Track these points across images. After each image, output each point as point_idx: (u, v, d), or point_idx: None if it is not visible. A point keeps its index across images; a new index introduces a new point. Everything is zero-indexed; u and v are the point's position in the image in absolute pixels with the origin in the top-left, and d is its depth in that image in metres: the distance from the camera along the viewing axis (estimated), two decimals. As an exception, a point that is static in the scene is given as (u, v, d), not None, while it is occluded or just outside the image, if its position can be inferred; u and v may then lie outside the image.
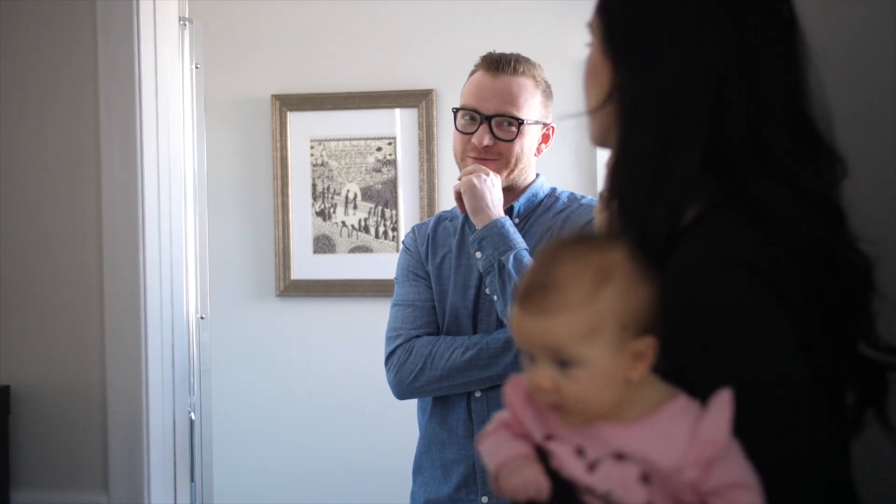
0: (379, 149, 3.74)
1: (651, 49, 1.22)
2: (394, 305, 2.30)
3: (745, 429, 1.07)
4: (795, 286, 1.16)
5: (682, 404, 1.10)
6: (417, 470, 2.31)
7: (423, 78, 3.59)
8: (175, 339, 2.11)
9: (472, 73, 2.24)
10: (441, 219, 2.38)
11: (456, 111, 2.20)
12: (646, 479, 1.10)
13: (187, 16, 3.06)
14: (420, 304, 2.27)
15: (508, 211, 2.19)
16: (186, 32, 3.05)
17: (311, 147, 3.83)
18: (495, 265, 2.03)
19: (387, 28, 3.68)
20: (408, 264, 2.33)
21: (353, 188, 3.74)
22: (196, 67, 3.13)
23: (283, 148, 3.86)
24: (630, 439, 1.10)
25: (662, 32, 1.22)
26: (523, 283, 1.16)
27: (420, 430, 2.30)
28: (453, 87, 3.69)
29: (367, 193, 3.75)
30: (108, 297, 2.01)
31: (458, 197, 2.13)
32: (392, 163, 3.71)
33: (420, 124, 3.67)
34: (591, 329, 1.10)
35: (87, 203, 2.04)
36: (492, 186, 2.10)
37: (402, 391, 2.23)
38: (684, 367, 1.14)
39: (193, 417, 2.97)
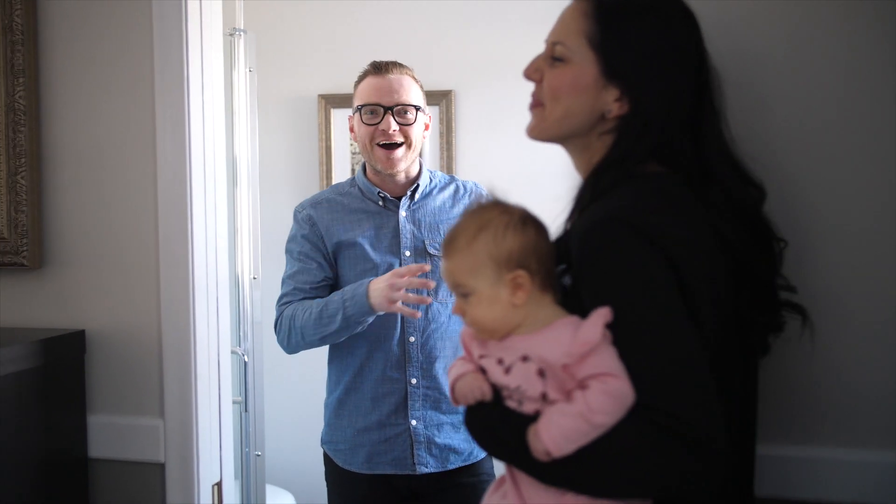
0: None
1: (651, 89, 1.32)
2: None
3: (617, 339, 1.20)
4: (681, 234, 1.25)
5: (570, 319, 1.24)
6: (339, 405, 2.34)
7: (444, 79, 3.62)
8: (219, 293, 2.11)
9: (361, 79, 2.34)
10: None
11: (360, 108, 2.28)
12: (542, 373, 1.23)
13: (242, 27, 3.10)
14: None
15: (414, 190, 2.31)
16: (241, 41, 3.09)
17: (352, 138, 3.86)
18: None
19: (414, 35, 3.71)
20: None
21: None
22: (250, 71, 3.16)
23: (328, 139, 3.89)
24: (530, 344, 1.26)
25: (653, 73, 1.32)
26: (443, 240, 1.37)
27: (341, 372, 2.34)
28: (470, 87, 3.73)
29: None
30: (162, 259, 2.02)
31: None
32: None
33: (441, 120, 3.71)
34: (473, 266, 1.28)
35: (146, 182, 2.04)
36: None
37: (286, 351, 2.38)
38: (583, 297, 1.25)
39: (246, 359, 3.04)
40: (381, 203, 2.31)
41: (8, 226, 2.10)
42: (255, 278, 3.09)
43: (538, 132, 1.41)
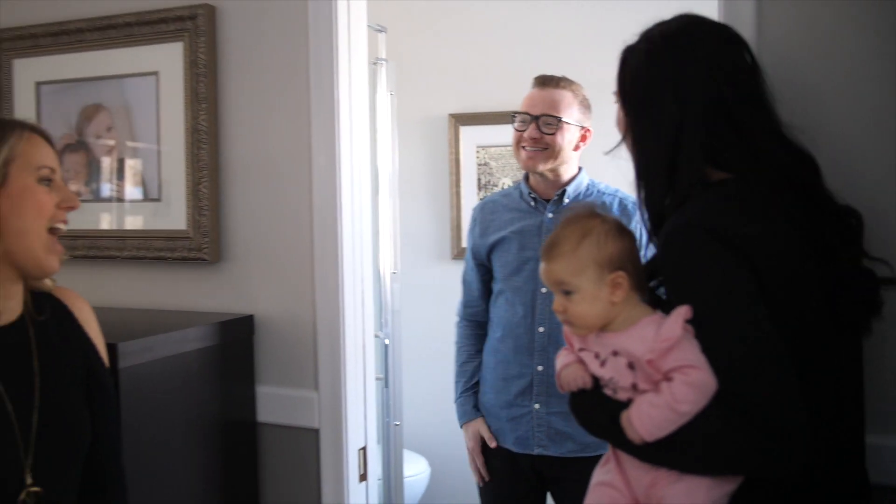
0: (526, 151, 3.78)
1: (654, 104, 1.37)
2: None
3: (699, 333, 1.21)
4: (756, 236, 1.23)
5: (654, 318, 1.26)
6: (482, 381, 2.35)
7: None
8: (364, 284, 2.14)
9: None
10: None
11: (514, 115, 2.25)
12: (631, 366, 1.26)
13: (384, 56, 3.19)
14: None
15: (561, 195, 2.24)
16: (383, 69, 3.18)
17: (477, 151, 3.87)
18: None
19: (525, 53, 3.68)
20: None
21: (507, 181, 3.79)
22: (391, 94, 3.24)
23: (457, 152, 3.90)
24: (619, 341, 1.28)
25: (661, 93, 1.35)
26: (543, 246, 1.38)
27: (488, 352, 2.34)
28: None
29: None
30: (316, 256, 2.07)
31: None
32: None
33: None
34: (578, 268, 1.30)
35: (303, 190, 2.09)
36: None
37: None
38: (668, 297, 1.29)
39: (388, 342, 3.12)
40: (532, 203, 2.28)
41: (192, 227, 2.18)
42: (394, 273, 3.15)
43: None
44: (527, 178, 2.34)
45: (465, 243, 3.80)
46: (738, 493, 1.24)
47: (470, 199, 3.84)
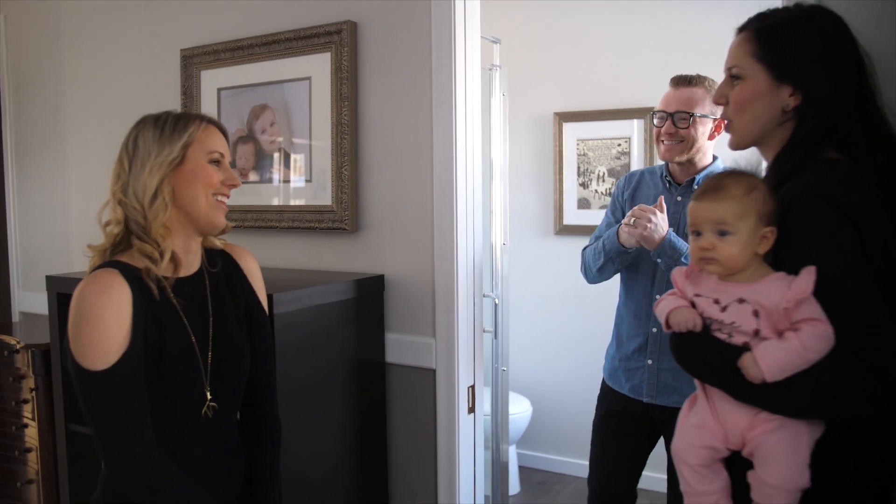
0: (619, 144, 3.69)
1: (817, 80, 1.25)
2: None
3: (817, 292, 1.14)
4: (866, 211, 1.17)
5: (781, 275, 1.19)
6: (613, 332, 2.28)
7: (647, 97, 3.50)
8: (475, 252, 2.14)
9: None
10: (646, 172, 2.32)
11: (654, 114, 2.16)
12: (756, 314, 1.17)
13: (497, 63, 3.15)
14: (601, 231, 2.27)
15: (691, 182, 2.14)
16: (496, 74, 3.14)
17: (577, 144, 3.83)
18: (673, 265, 1.93)
19: (619, 60, 3.60)
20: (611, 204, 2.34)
21: (602, 169, 3.73)
22: (503, 96, 3.20)
23: (560, 145, 3.86)
24: (748, 291, 1.20)
25: (820, 70, 1.25)
26: (700, 189, 1.27)
27: (618, 309, 2.28)
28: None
29: (611, 172, 3.72)
30: (435, 228, 2.08)
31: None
32: (627, 153, 3.65)
33: (645, 129, 3.60)
34: (743, 213, 1.20)
35: (426, 174, 2.11)
36: (652, 225, 2.00)
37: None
38: (784, 258, 1.20)
39: (497, 301, 3.10)
40: (667, 185, 2.20)
41: (336, 203, 2.23)
42: (504, 244, 3.13)
43: (737, 142, 1.34)
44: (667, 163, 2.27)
45: (566, 221, 3.79)
46: (831, 440, 1.18)
47: (570, 184, 3.82)
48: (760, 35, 1.28)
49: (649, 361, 2.14)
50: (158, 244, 1.39)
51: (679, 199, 2.16)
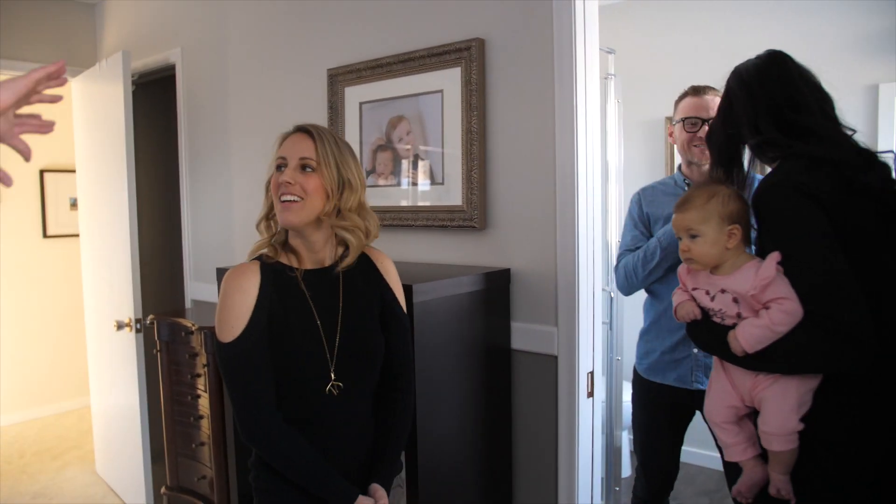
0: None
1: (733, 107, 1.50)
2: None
3: (788, 272, 1.28)
4: (830, 196, 1.26)
5: (754, 262, 1.35)
6: (645, 333, 2.30)
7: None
8: (595, 248, 2.12)
9: (681, 98, 2.22)
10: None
11: (683, 120, 2.20)
12: (736, 300, 1.35)
13: (612, 72, 3.12)
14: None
15: None
16: (612, 82, 3.11)
17: (688, 145, 3.72)
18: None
19: (728, 65, 3.49)
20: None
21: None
22: (618, 102, 3.16)
23: (671, 147, 3.76)
24: (728, 282, 1.37)
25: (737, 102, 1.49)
26: (675, 204, 1.47)
27: (648, 310, 2.30)
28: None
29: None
30: (558, 227, 2.07)
31: None
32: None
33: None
34: (705, 218, 1.39)
35: (548, 177, 2.10)
36: None
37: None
38: (764, 243, 1.34)
39: (613, 295, 3.06)
40: (685, 189, 2.20)
41: (466, 203, 2.26)
42: (619, 241, 3.09)
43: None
44: (679, 167, 2.30)
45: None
46: (822, 389, 1.31)
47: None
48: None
49: (694, 350, 2.16)
50: (266, 241, 1.55)
51: None
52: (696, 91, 2.22)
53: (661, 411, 2.28)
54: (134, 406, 3.36)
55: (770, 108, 1.42)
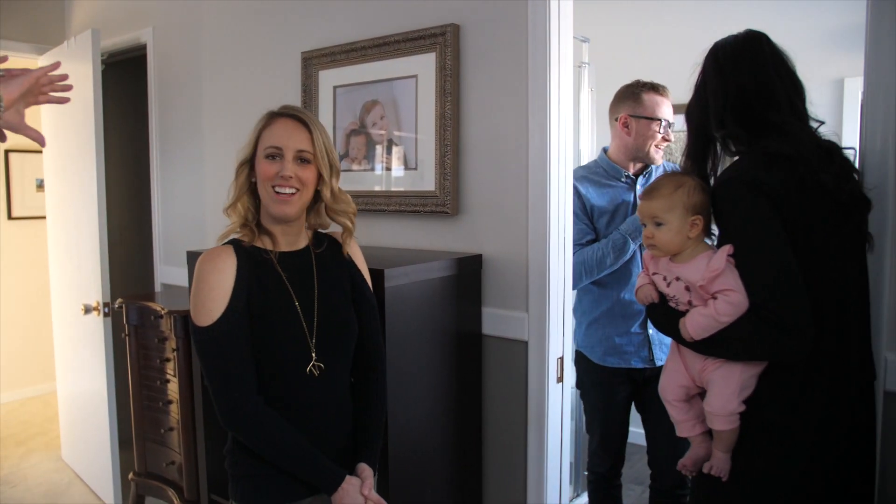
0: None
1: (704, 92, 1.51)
2: None
3: (738, 265, 1.32)
4: (783, 193, 1.29)
5: (708, 253, 1.39)
6: (594, 321, 2.38)
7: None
8: (566, 235, 2.13)
9: (639, 93, 2.32)
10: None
11: (658, 120, 2.33)
12: (688, 289, 1.40)
13: (587, 61, 3.13)
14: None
15: (648, 173, 2.42)
16: (586, 71, 3.13)
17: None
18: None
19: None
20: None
21: (682, 158, 3.64)
22: (591, 90, 3.18)
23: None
24: (682, 270, 1.42)
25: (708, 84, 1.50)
26: (643, 191, 1.49)
27: (599, 301, 2.37)
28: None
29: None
30: (530, 213, 2.08)
31: None
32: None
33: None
34: (671, 206, 1.42)
35: (521, 163, 2.09)
36: None
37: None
38: (722, 233, 1.38)
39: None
40: (630, 181, 2.36)
41: (439, 189, 2.26)
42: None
43: None
44: (606, 154, 2.43)
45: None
46: (764, 374, 1.37)
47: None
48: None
49: (651, 331, 2.31)
50: (240, 224, 1.53)
51: (640, 188, 2.37)
52: (659, 90, 2.35)
53: (618, 390, 2.40)
54: (101, 391, 3.32)
55: (738, 97, 1.43)
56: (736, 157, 1.45)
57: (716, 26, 3.49)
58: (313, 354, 1.50)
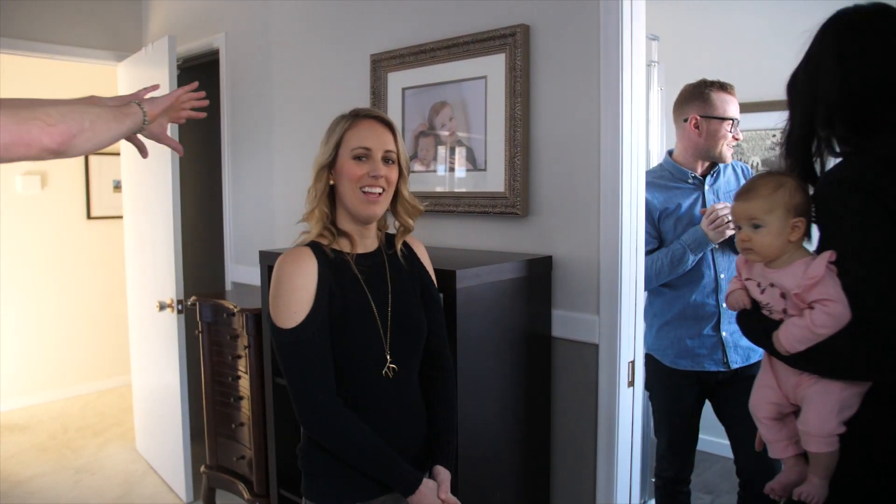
0: (773, 136, 3.50)
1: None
2: None
3: (840, 273, 1.21)
4: (886, 189, 1.17)
5: (807, 259, 1.27)
6: (665, 324, 2.37)
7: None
8: (638, 237, 2.09)
9: (708, 92, 2.31)
10: None
11: (730, 120, 2.31)
12: (783, 296, 1.30)
13: (656, 59, 3.08)
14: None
15: (716, 172, 2.38)
16: (655, 69, 3.08)
17: (733, 135, 3.68)
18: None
19: (769, 53, 3.43)
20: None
21: (756, 159, 3.56)
22: (661, 89, 3.13)
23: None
24: (778, 276, 1.31)
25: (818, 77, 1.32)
26: (738, 191, 1.39)
27: (671, 303, 2.38)
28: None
29: (765, 162, 3.55)
30: (602, 214, 2.05)
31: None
32: (781, 144, 3.49)
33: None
34: (771, 207, 1.32)
35: (593, 162, 2.08)
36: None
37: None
38: (821, 240, 1.27)
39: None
40: (696, 183, 2.32)
41: (509, 190, 2.26)
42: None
43: None
44: (671, 156, 2.42)
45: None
46: (870, 394, 1.25)
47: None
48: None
49: (724, 333, 2.27)
50: (321, 228, 1.53)
51: (707, 188, 2.36)
52: (727, 88, 2.32)
53: (688, 392, 2.38)
54: (174, 385, 3.43)
55: (857, 94, 1.26)
56: (839, 158, 1.32)
57: (787, 20, 3.41)
58: (388, 356, 1.51)
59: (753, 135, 3.54)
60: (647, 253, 2.30)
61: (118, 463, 4.06)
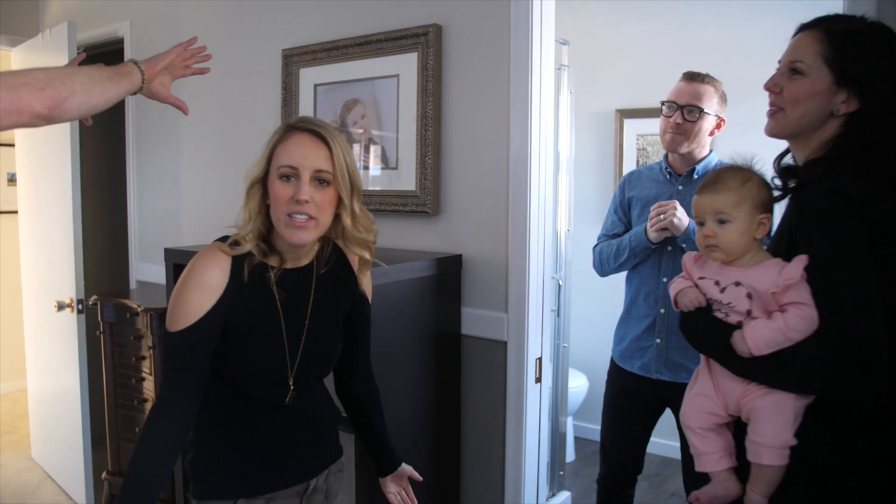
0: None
1: (877, 91, 1.21)
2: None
3: (814, 281, 1.14)
4: (881, 209, 1.13)
5: (776, 261, 1.20)
6: (621, 320, 2.26)
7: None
8: (545, 237, 2.14)
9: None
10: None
11: (663, 103, 2.12)
12: (750, 296, 1.20)
13: (566, 63, 3.14)
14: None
15: (691, 171, 2.11)
16: (565, 73, 3.14)
17: (637, 139, 3.79)
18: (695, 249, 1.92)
19: (678, 59, 3.54)
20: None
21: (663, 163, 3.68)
22: (571, 93, 3.19)
23: (621, 139, 3.83)
24: (744, 275, 1.22)
25: (883, 83, 1.21)
26: (702, 183, 1.29)
27: (626, 297, 2.24)
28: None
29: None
30: (510, 214, 2.08)
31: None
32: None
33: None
34: (739, 202, 1.23)
35: (502, 163, 2.11)
36: (680, 213, 1.99)
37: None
38: (797, 245, 1.18)
39: (561, 283, 3.11)
40: (668, 177, 2.18)
41: (419, 189, 2.26)
42: (568, 230, 3.13)
43: (779, 130, 1.30)
44: (667, 156, 2.24)
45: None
46: (813, 409, 1.19)
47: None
48: (833, 38, 1.24)
49: (658, 340, 2.11)
50: (252, 245, 1.33)
51: (681, 188, 2.14)
52: (689, 76, 2.13)
53: (627, 398, 2.23)
54: (74, 389, 3.26)
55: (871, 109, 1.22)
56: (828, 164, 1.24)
57: (697, 28, 3.55)
58: (291, 384, 1.38)
59: (657, 139, 3.63)
60: (612, 236, 2.26)
61: (11, 472, 3.83)
